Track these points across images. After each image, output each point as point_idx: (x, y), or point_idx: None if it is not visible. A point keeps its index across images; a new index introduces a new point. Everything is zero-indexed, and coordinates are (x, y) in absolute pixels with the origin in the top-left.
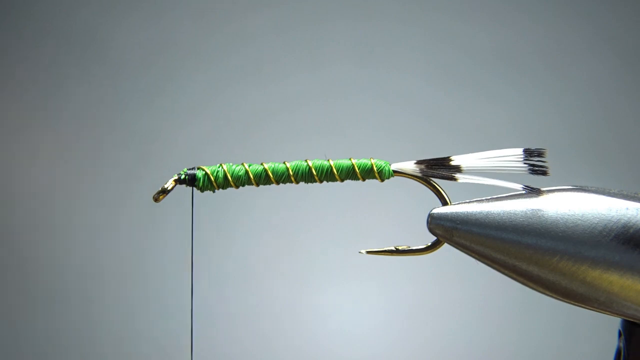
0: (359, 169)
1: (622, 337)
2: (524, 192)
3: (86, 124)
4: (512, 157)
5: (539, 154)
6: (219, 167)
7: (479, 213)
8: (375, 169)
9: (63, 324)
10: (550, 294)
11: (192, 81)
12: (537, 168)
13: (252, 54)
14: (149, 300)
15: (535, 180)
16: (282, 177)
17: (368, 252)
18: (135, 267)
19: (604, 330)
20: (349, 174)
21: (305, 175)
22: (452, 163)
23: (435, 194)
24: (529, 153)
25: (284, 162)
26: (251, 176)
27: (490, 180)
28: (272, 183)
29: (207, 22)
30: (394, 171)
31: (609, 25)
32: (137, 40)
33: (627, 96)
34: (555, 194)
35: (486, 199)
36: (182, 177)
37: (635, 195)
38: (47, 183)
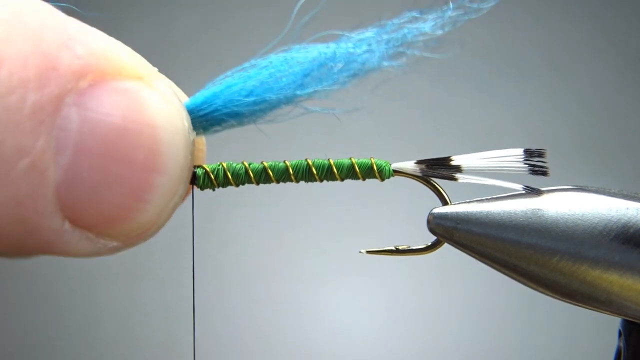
0: (359, 168)
1: (622, 337)
2: (524, 192)
3: None
4: (512, 157)
5: (540, 154)
6: (219, 166)
7: (479, 213)
8: (375, 168)
9: (64, 324)
10: (550, 294)
11: (192, 80)
12: (537, 168)
13: (253, 53)
14: (149, 299)
15: (536, 181)
16: (282, 176)
17: (368, 252)
18: (135, 266)
19: (604, 330)
20: (349, 173)
21: (306, 174)
22: (453, 163)
23: (436, 193)
24: (529, 153)
25: (284, 161)
26: (251, 175)
27: (491, 180)
28: (272, 182)
29: (207, 21)
30: (394, 171)
31: (610, 26)
32: (136, 38)
33: (628, 96)
34: (556, 194)
35: (486, 199)
36: None
37: (635, 195)
38: None
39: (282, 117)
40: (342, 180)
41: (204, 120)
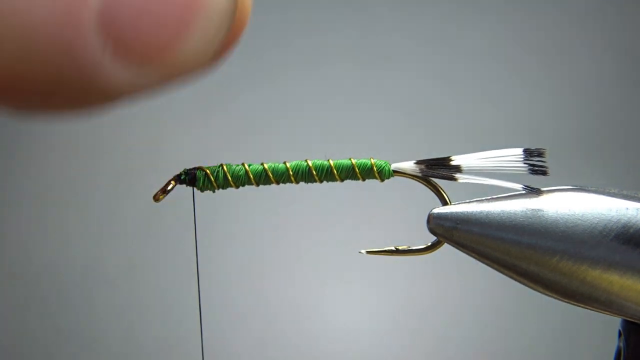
0: (358, 168)
1: (622, 337)
2: (524, 192)
3: (87, 123)
4: (512, 157)
5: (539, 154)
6: (219, 167)
7: (479, 213)
8: (375, 168)
9: (66, 325)
10: (550, 294)
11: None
12: (537, 168)
13: (253, 55)
14: (152, 300)
15: (535, 180)
16: (282, 177)
17: (368, 252)
18: (136, 267)
19: (604, 330)
20: (348, 173)
21: (305, 175)
22: (452, 163)
23: (435, 194)
24: (528, 153)
25: (284, 162)
26: (251, 176)
27: (490, 180)
28: (272, 183)
29: None
30: (394, 171)
31: (609, 25)
32: None
33: (628, 96)
34: (555, 194)
35: (486, 199)
36: (182, 177)
37: (635, 195)
38: (48, 184)
39: None
40: (342, 181)
41: None
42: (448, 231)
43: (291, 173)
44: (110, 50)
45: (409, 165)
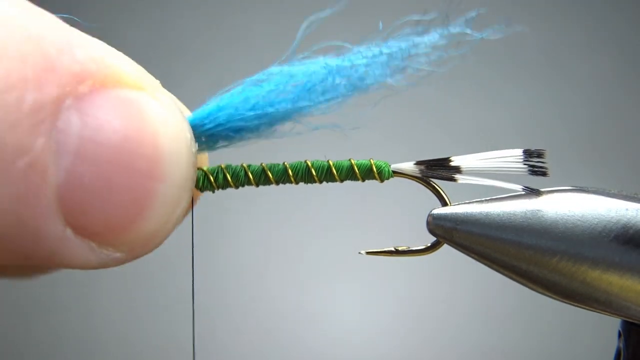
0: (358, 169)
1: (622, 337)
2: (523, 192)
3: None
4: (511, 157)
5: (539, 154)
6: (218, 168)
7: (479, 213)
8: (374, 169)
9: (62, 326)
10: (550, 295)
11: (192, 81)
12: (536, 169)
13: (252, 54)
14: (149, 301)
15: (535, 181)
16: (281, 178)
17: (368, 253)
18: (135, 267)
19: (604, 330)
20: (348, 174)
21: (305, 176)
22: (452, 164)
23: (435, 194)
24: (528, 154)
25: (284, 163)
26: (250, 176)
27: (490, 181)
28: (272, 183)
29: (207, 21)
30: (394, 172)
31: (610, 25)
32: (136, 39)
33: (628, 96)
34: (555, 194)
35: (486, 200)
36: None
37: (635, 195)
38: None
39: (284, 133)
40: (342, 181)
41: (207, 135)
42: (448, 232)
43: (291, 173)
44: (72, 231)
45: (408, 166)
